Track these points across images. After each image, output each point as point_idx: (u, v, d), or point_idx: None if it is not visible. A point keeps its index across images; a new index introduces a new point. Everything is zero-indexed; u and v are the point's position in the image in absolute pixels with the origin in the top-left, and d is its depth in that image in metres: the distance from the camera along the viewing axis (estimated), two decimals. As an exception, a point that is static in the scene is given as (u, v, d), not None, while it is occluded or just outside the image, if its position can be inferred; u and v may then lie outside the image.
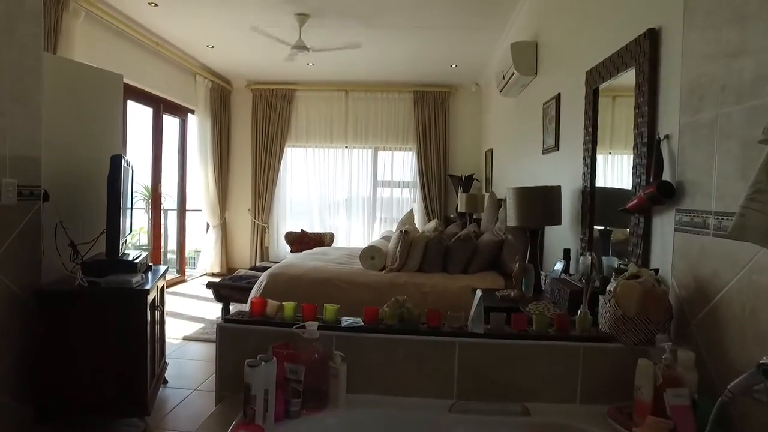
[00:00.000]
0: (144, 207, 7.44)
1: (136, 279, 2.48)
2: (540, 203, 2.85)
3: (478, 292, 1.91)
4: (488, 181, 6.38)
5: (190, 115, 6.84)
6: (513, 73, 4.08)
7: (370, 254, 3.96)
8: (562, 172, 3.23)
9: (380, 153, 7.54)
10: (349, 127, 7.42)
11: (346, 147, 7.49)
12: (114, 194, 2.51)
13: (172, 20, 5.04)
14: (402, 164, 7.50)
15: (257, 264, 5.39)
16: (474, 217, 6.18)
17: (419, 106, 7.28)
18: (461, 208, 6.09)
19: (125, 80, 5.28)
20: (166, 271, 3.18)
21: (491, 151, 6.21)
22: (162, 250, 7.68)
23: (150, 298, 2.53)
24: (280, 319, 1.83)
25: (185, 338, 4.19)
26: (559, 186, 2.88)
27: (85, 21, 4.37)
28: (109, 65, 4.94)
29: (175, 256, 7.00)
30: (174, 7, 4.70)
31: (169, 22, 5.09)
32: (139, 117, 5.87)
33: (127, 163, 3.02)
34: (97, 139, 3.12)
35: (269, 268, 4.93)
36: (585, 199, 2.68)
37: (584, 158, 2.70)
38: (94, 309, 2.39)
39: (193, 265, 8.02)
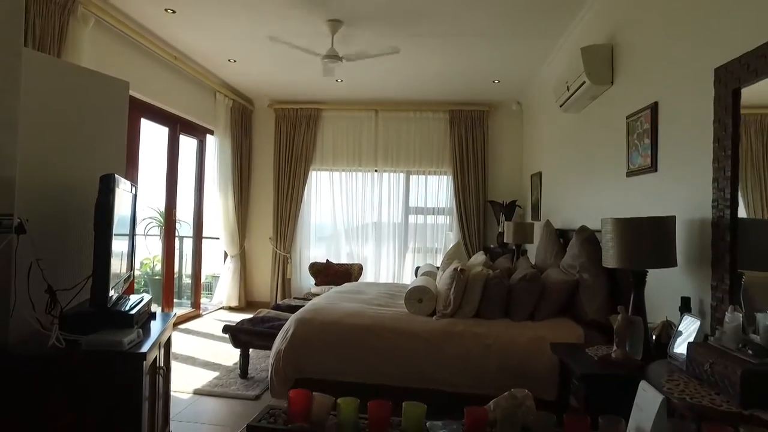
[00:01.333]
0: (158, 234, 6.95)
1: (130, 337, 1.88)
2: (650, 238, 2.20)
3: (648, 390, 1.24)
4: (535, 208, 5.72)
5: (209, 136, 6.35)
6: (583, 83, 3.47)
7: (418, 296, 3.32)
8: (664, 199, 2.58)
9: (412, 177, 6.95)
10: (379, 149, 6.87)
11: (376, 170, 6.92)
12: (103, 225, 1.93)
13: (192, 30, 4.57)
14: (436, 189, 6.89)
15: (280, 302, 4.79)
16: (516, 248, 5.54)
17: (455, 126, 6.70)
18: (507, 239, 5.43)
19: (139, 96, 4.83)
20: (173, 318, 2.58)
21: (539, 174, 5.58)
22: (175, 279, 7.15)
23: (149, 361, 1.93)
24: (335, 429, 1.19)
25: (196, 392, 3.56)
26: (674, 216, 2.23)
27: (94, 29, 3.90)
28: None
29: (189, 287, 6.44)
30: (194, 15, 4.23)
31: (187, 32, 4.62)
32: (154, 137, 5.39)
33: (129, 187, 2.45)
34: (94, 157, 2.57)
35: (294, 307, 4.32)
36: (720, 234, 2.03)
37: (716, 181, 2.06)
38: (71, 379, 1.79)
39: (210, 291, 7.45)
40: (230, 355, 4.39)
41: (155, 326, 2.29)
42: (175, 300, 7.22)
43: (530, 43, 4.62)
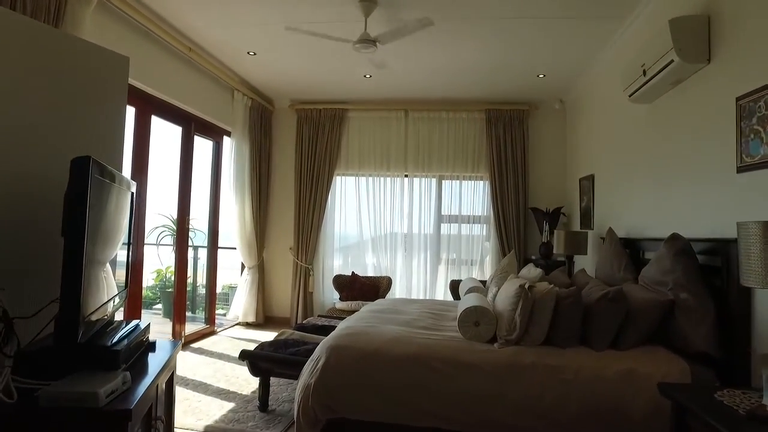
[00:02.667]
0: (172, 243, 6.48)
1: (111, 386, 1.34)
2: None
3: None
4: (585, 216, 5.11)
5: (225, 138, 5.88)
6: (669, 63, 2.88)
7: (474, 318, 2.74)
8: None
9: (445, 182, 6.38)
10: (410, 152, 6.33)
11: (406, 175, 6.37)
12: (73, 226, 1.40)
13: (208, 18, 4.10)
14: (472, 195, 6.31)
15: (304, 320, 4.22)
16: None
17: (492, 127, 6.14)
18: (558, 249, 4.83)
19: (149, 89, 4.33)
20: (178, 348, 2.05)
21: (590, 178, 4.97)
22: (189, 293, 6.67)
23: (137, 417, 1.39)
24: None
25: (208, 430, 3.01)
26: None
27: (97, 11, 3.43)
28: (132, 72, 4.02)
29: (204, 300, 5.94)
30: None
31: (203, 19, 4.14)
32: (166, 137, 4.92)
33: (123, 181, 1.94)
34: (80, 148, 2.06)
35: (320, 328, 3.77)
36: None
37: None
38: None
39: (227, 303, 6.96)
40: (248, 381, 3.85)
41: (153, 363, 1.76)
42: (188, 314, 6.75)
43: (589, 26, 4.05)
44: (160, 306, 6.85)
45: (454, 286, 5.69)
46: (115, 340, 1.58)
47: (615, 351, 2.59)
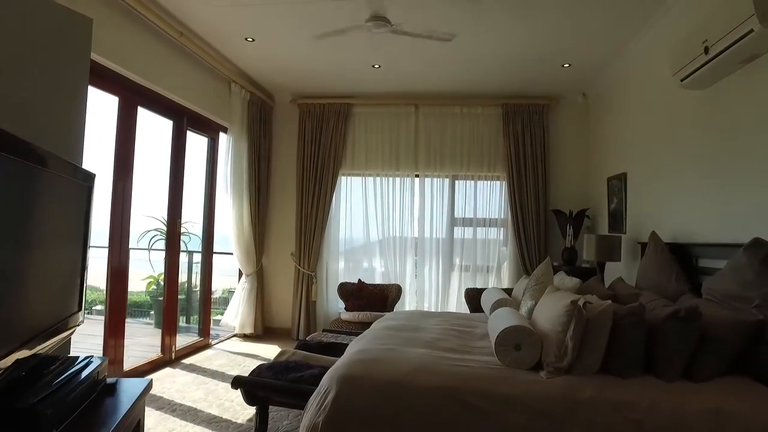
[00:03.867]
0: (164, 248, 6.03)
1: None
2: None
3: None
4: (617, 218, 4.65)
5: (222, 135, 5.42)
6: (747, 33, 2.41)
7: (514, 340, 2.27)
8: None
9: (459, 183, 5.92)
10: (420, 149, 5.86)
11: (416, 175, 5.91)
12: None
13: (199, -5, 3.65)
14: (488, 197, 5.84)
15: (308, 337, 3.71)
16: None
17: (510, 122, 5.68)
18: (588, 255, 4.36)
19: (134, 77, 3.85)
20: (145, 391, 1.58)
21: (622, 177, 4.51)
22: (182, 301, 6.22)
23: None
24: None
25: (195, 471, 2.54)
26: None
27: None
28: (114, 57, 3.57)
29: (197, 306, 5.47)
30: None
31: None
32: (155, 131, 4.47)
33: (63, 168, 1.47)
34: (24, 129, 1.61)
35: (327, 346, 3.29)
36: None
37: None
38: None
39: (225, 307, 6.48)
40: (243, 406, 3.39)
41: (108, 415, 1.28)
42: (184, 323, 6.27)
43: (626, 5, 3.59)
44: (151, 317, 6.38)
45: (471, 295, 5.23)
46: (45, 392, 1.11)
47: (690, 383, 2.11)
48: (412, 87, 5.62)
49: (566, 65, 4.77)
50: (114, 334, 3.81)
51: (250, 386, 2.55)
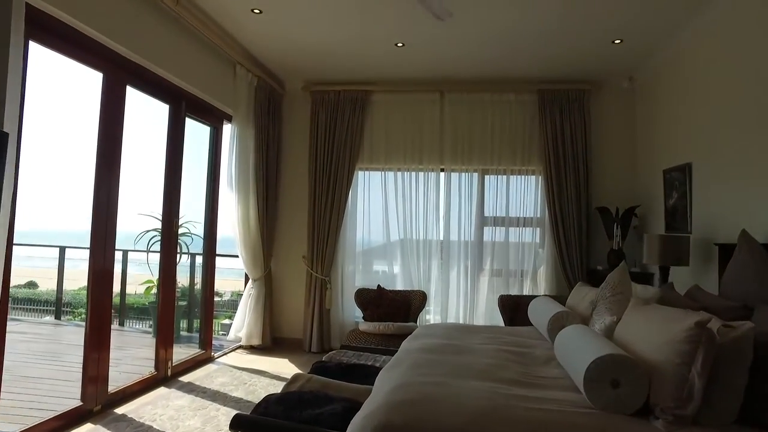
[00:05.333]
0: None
1: None
2: None
3: None
4: (678, 216, 4.02)
5: (226, 124, 4.88)
6: None
7: (611, 374, 1.67)
8: None
9: (489, 178, 5.31)
10: (446, 141, 5.27)
11: (442, 170, 5.32)
12: None
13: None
14: (522, 193, 5.23)
15: (326, 357, 3.06)
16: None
17: (546, 110, 5.07)
18: (649, 259, 3.73)
19: (122, 49, 3.32)
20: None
21: (686, 168, 3.89)
22: (183, 308, 5.70)
23: None
24: None
25: None
26: None
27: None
28: (94, 23, 3.02)
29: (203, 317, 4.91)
30: None
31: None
32: (150, 116, 3.93)
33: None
34: None
35: (348, 369, 2.71)
36: None
37: None
38: None
39: (234, 310, 5.93)
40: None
41: None
42: (184, 333, 5.72)
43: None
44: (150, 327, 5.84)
45: (507, 303, 4.64)
46: None
47: None
48: (438, 71, 5.03)
49: (617, 41, 4.15)
50: (96, 346, 3.25)
51: (254, 428, 1.96)
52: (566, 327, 2.26)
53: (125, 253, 6.30)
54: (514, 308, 4.64)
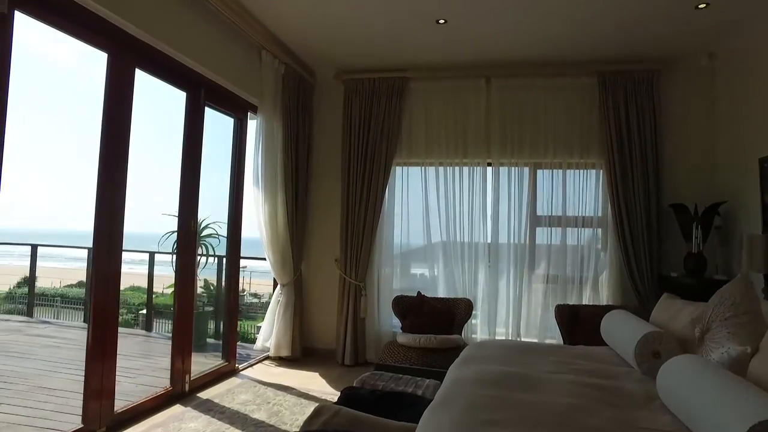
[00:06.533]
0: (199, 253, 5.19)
1: None
2: None
3: None
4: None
5: (251, 115, 4.49)
6: None
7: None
8: None
9: (542, 173, 4.73)
10: (493, 132, 4.73)
11: (489, 164, 4.77)
12: None
13: None
14: (580, 190, 4.63)
15: (356, 381, 2.55)
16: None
17: (608, 95, 4.46)
18: (753, 265, 3.09)
19: (130, 28, 2.87)
20: None
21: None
22: (209, 314, 5.35)
23: None
24: None
25: None
26: None
27: None
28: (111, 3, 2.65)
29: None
30: None
31: None
32: (161, 103, 3.57)
33: None
34: None
35: (384, 400, 2.22)
36: None
37: None
38: None
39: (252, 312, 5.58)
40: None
41: None
42: (211, 339, 5.37)
43: None
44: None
45: (565, 313, 4.08)
46: None
47: None
48: (483, 53, 4.50)
49: (702, 5, 3.52)
50: (99, 356, 2.88)
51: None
52: (675, 359, 1.70)
53: (152, 255, 6.05)
54: (572, 320, 4.06)
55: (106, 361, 2.94)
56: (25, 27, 2.41)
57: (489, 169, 4.76)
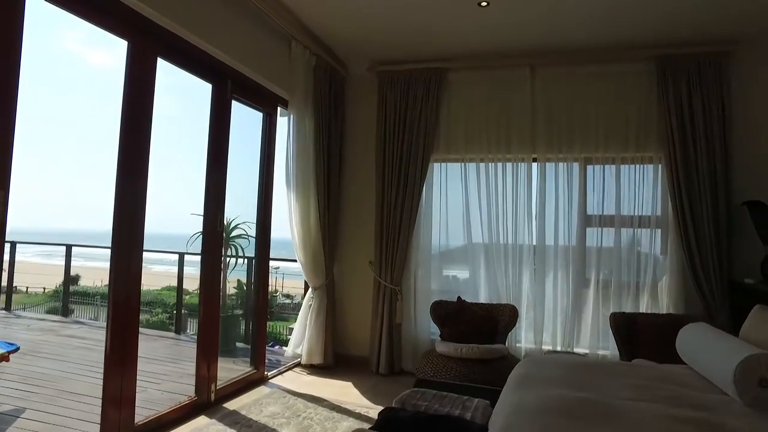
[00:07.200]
0: (228, 254, 5.05)
1: None
2: None
3: None
4: None
5: (281, 110, 4.28)
6: None
7: None
8: None
9: (593, 168, 4.35)
10: (539, 125, 4.38)
11: (534, 159, 4.43)
12: None
13: None
14: (636, 187, 4.22)
15: (395, 401, 2.27)
16: None
17: (668, 82, 4.05)
18: None
19: (150, 13, 2.72)
20: None
21: None
22: (239, 317, 5.18)
23: None
24: None
25: None
26: None
27: None
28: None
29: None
30: None
31: None
32: (184, 95, 3.37)
33: None
34: None
35: (428, 424, 1.93)
36: None
37: None
38: None
39: (285, 313, 5.37)
40: None
41: None
42: (241, 345, 5.19)
43: None
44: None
45: (620, 323, 3.72)
46: None
47: None
48: (528, 39, 4.15)
49: (783, -24, 3.10)
50: (119, 360, 2.69)
51: None
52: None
53: (181, 256, 5.94)
54: (629, 329, 3.69)
55: (126, 368, 2.75)
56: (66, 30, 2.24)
57: (534, 165, 4.41)
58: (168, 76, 3.10)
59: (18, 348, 3.74)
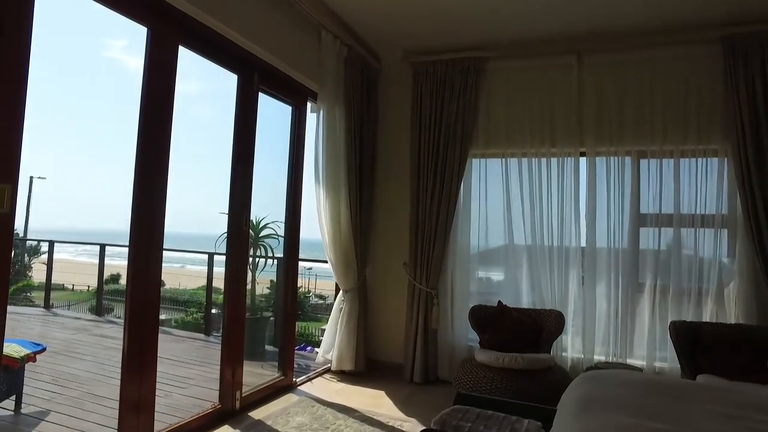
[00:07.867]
0: (257, 254, 4.92)
1: None
2: None
3: None
4: None
5: (310, 105, 4.09)
6: None
7: None
8: None
9: (647, 163, 3.98)
10: (586, 117, 4.05)
11: (582, 154, 4.09)
12: None
13: None
14: (697, 183, 3.83)
15: (434, 421, 2.03)
16: None
17: (738, 65, 3.64)
18: None
19: (178, 3, 2.61)
20: None
21: None
22: (267, 319, 5.02)
23: None
24: None
25: None
26: None
27: None
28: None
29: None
30: None
31: None
32: (211, 87, 3.21)
33: None
34: None
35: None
36: None
37: None
38: None
39: (319, 314, 5.18)
40: None
41: None
42: (270, 347, 5.02)
43: None
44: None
45: (682, 332, 3.37)
46: None
47: None
48: (574, 24, 3.84)
49: None
50: (137, 365, 2.53)
51: None
52: None
53: (210, 256, 5.84)
54: (692, 340, 3.32)
55: (145, 373, 2.59)
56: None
57: (582, 159, 4.08)
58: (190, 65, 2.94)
59: (45, 348, 3.65)
